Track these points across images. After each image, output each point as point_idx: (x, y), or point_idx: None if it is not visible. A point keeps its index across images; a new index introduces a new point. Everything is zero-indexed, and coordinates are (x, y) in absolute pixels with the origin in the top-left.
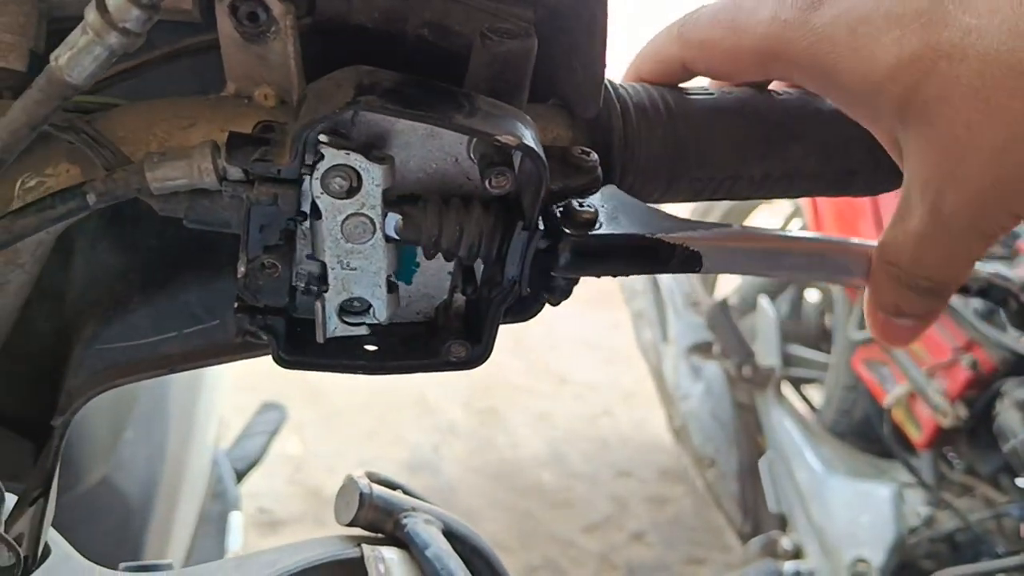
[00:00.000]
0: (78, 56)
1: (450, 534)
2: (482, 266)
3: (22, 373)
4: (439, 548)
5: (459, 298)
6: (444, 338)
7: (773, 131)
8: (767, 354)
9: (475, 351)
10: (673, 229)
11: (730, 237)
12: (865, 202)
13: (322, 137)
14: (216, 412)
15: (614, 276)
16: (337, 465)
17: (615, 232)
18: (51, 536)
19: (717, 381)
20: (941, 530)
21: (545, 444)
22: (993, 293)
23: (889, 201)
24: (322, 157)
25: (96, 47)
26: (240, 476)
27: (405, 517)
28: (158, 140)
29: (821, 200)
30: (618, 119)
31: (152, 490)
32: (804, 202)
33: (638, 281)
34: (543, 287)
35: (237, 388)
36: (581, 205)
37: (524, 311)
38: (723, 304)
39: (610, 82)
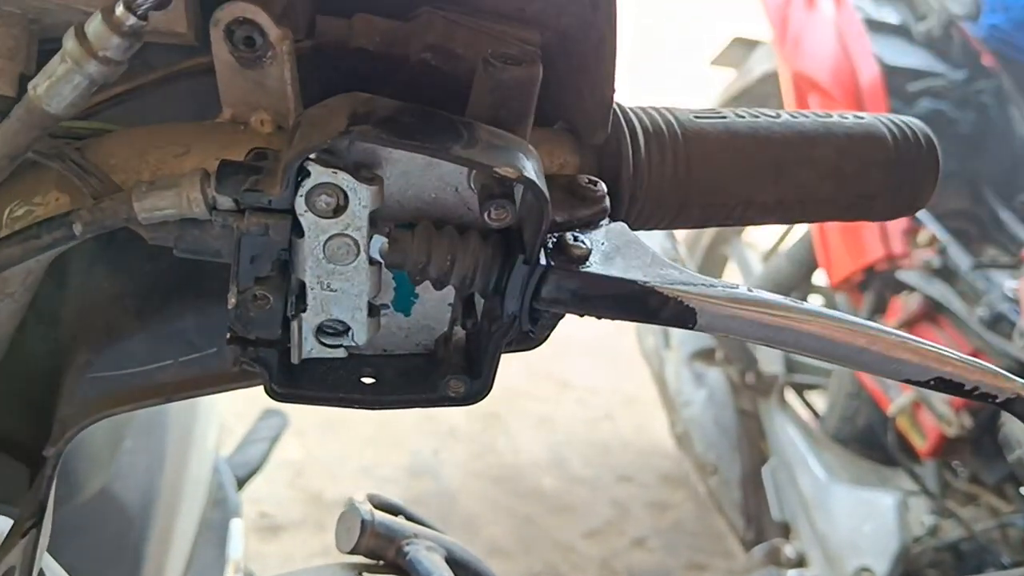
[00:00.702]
0: (57, 85)
1: (453, 561)
2: (482, 298)
3: (18, 397)
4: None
5: (459, 331)
6: (444, 372)
7: (786, 155)
8: (770, 361)
9: (474, 387)
10: (672, 280)
11: (732, 299)
12: None
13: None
14: (216, 419)
15: (598, 318)
16: (338, 470)
17: (604, 273)
18: (46, 563)
19: (720, 387)
20: (945, 539)
21: (546, 449)
22: (1017, 406)
23: None
24: (308, 174)
25: (75, 76)
26: (241, 483)
27: (407, 544)
28: (151, 168)
29: None
30: (627, 145)
31: (152, 499)
32: None
33: None
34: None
35: (238, 395)
36: (575, 239)
37: (527, 340)
38: None
39: (619, 105)
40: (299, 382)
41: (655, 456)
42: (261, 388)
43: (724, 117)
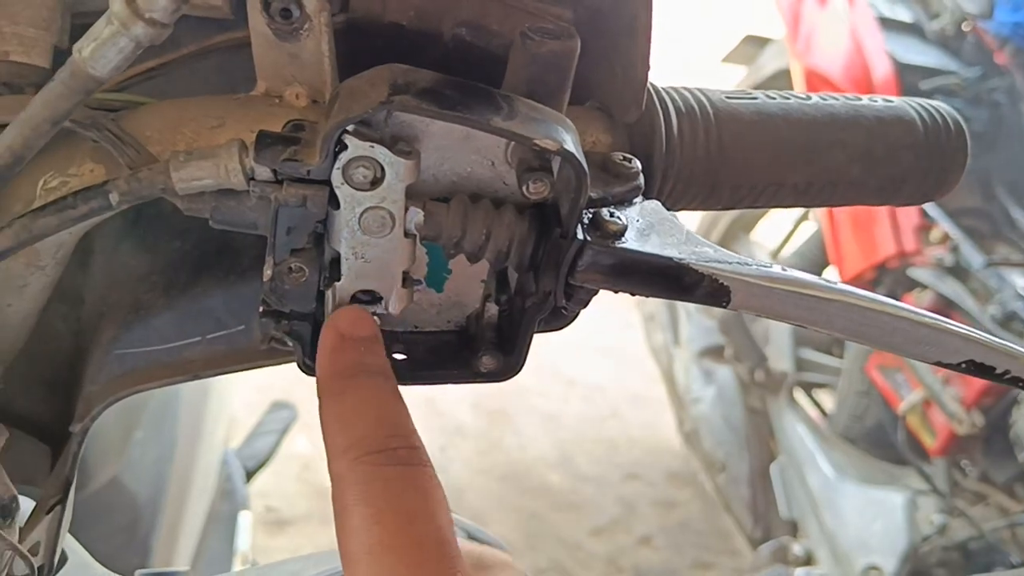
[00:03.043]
0: (102, 48)
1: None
2: (516, 274)
3: (40, 376)
4: None
5: (492, 307)
6: (476, 348)
7: (817, 137)
8: (780, 358)
9: (507, 363)
10: (707, 258)
11: (767, 278)
12: (882, 208)
13: (347, 127)
14: (226, 411)
15: (632, 294)
16: None
17: (641, 249)
18: (67, 542)
19: (729, 385)
20: (954, 539)
21: (553, 446)
22: None
23: (907, 208)
24: (345, 147)
25: (121, 38)
26: (250, 475)
27: None
28: (186, 140)
29: None
30: (660, 124)
31: (161, 490)
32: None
33: None
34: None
35: (248, 387)
36: (611, 215)
37: (557, 320)
38: None
39: (651, 84)
40: None
41: (662, 454)
42: (270, 379)
43: (755, 98)
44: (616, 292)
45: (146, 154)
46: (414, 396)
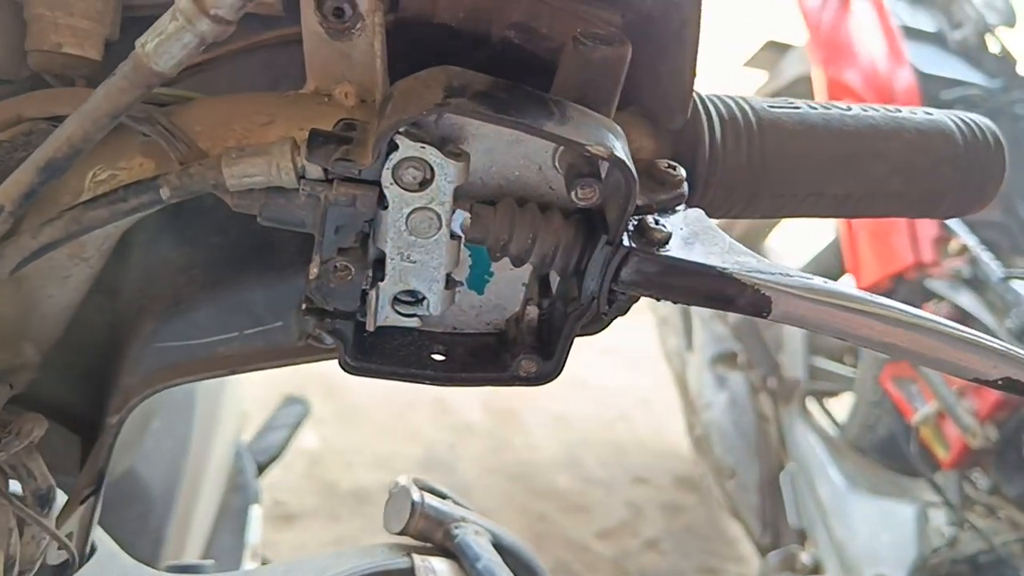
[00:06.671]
0: (166, 43)
1: (499, 546)
2: (558, 279)
3: (74, 367)
4: (490, 560)
5: (532, 311)
6: (515, 352)
7: (859, 148)
8: (793, 366)
9: (546, 367)
10: (750, 268)
11: (808, 290)
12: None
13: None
14: (240, 405)
15: (675, 302)
16: (353, 461)
17: (686, 258)
18: (96, 533)
19: (741, 392)
20: (964, 551)
21: (561, 447)
22: None
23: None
24: (396, 147)
25: (186, 34)
26: (261, 469)
27: (456, 528)
28: (236, 136)
29: None
30: (704, 131)
31: (174, 482)
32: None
33: None
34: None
35: (258, 381)
36: (656, 222)
37: (597, 323)
38: None
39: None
40: (371, 356)
41: (670, 458)
42: (282, 374)
43: (798, 108)
44: (658, 300)
45: (196, 149)
46: (423, 393)
